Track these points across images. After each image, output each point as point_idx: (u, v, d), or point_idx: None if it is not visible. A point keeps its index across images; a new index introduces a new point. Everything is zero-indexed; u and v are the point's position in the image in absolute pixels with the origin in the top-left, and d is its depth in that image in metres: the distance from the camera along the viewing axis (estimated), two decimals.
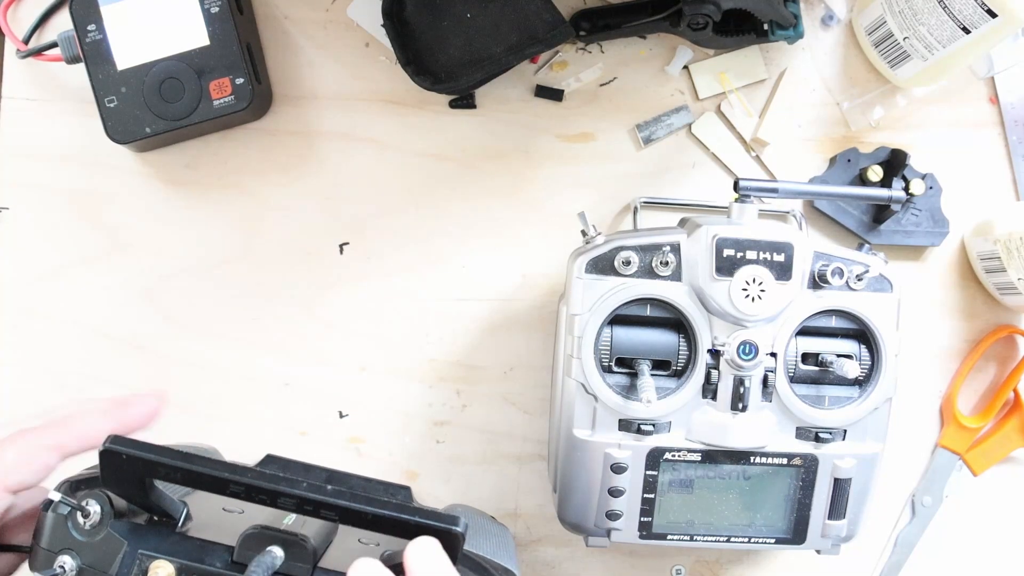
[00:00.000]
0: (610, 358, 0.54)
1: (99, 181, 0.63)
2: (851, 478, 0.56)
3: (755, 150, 0.64)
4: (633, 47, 0.64)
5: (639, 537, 0.56)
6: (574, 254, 0.56)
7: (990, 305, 0.66)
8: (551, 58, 0.64)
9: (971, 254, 0.65)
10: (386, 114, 0.63)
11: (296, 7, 0.63)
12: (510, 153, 0.64)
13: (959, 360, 0.66)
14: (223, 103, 0.59)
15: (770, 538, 0.57)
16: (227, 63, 0.58)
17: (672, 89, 0.64)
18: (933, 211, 0.64)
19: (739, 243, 0.53)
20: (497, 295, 0.64)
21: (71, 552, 0.40)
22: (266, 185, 0.63)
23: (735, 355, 0.53)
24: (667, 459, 0.55)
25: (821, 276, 0.54)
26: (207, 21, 0.58)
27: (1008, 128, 0.65)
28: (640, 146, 0.64)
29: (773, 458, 0.55)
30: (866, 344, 0.56)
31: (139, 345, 0.63)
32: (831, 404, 0.56)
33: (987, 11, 0.54)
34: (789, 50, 0.64)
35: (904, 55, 0.60)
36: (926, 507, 0.65)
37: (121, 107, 0.59)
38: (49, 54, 0.61)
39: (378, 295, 0.63)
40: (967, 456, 0.65)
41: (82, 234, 0.63)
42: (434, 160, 0.64)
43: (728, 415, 0.54)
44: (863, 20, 0.63)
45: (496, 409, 0.64)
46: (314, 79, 0.63)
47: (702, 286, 0.53)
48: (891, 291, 0.55)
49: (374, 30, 0.63)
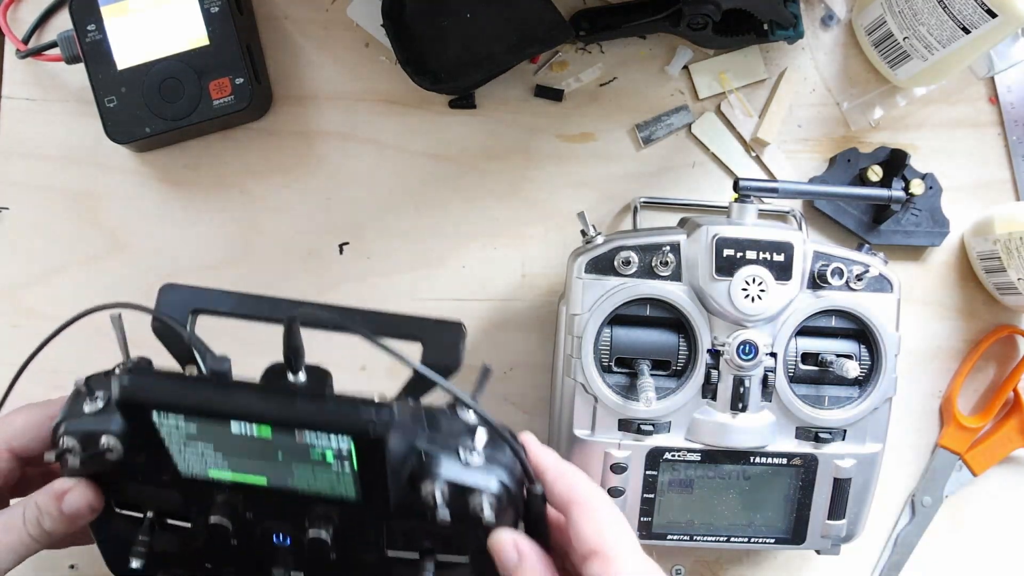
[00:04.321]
0: (610, 358, 0.54)
1: (99, 181, 0.63)
2: (851, 478, 0.56)
3: (755, 150, 0.64)
4: (633, 47, 0.64)
5: (639, 537, 0.56)
6: (574, 254, 0.56)
7: (990, 305, 0.66)
8: (551, 58, 0.64)
9: (971, 254, 0.65)
10: (386, 114, 0.63)
11: (296, 7, 0.63)
12: (510, 153, 0.64)
13: (959, 360, 0.66)
14: (223, 103, 0.59)
15: (770, 538, 0.57)
16: (227, 63, 0.59)
17: (672, 89, 0.64)
18: (933, 211, 0.64)
19: (739, 243, 0.53)
20: (497, 295, 0.64)
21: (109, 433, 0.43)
22: (266, 185, 0.63)
23: (735, 355, 0.53)
24: (667, 459, 0.55)
25: (821, 276, 0.54)
26: (207, 21, 0.58)
27: (1008, 128, 0.65)
28: (640, 146, 0.64)
29: (773, 458, 0.55)
30: (866, 344, 0.56)
31: (139, 345, 0.63)
32: (831, 404, 0.56)
33: (987, 11, 0.54)
34: (789, 50, 0.64)
35: (904, 55, 0.60)
36: (926, 507, 0.65)
37: (121, 107, 0.59)
38: (49, 54, 0.61)
39: (378, 295, 0.63)
40: (967, 456, 0.65)
41: (82, 234, 0.63)
42: (434, 160, 0.64)
43: (728, 415, 0.54)
44: (863, 20, 0.63)
45: (496, 409, 0.63)
46: (314, 79, 0.63)
47: (702, 286, 0.53)
48: (891, 291, 0.55)
49: (374, 30, 0.63)
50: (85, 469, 0.44)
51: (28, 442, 0.47)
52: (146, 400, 0.41)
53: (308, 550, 0.44)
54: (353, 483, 0.42)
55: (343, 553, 0.46)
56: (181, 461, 0.43)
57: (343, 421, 0.40)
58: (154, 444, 0.42)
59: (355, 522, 0.45)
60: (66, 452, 0.44)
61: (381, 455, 0.41)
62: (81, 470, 0.44)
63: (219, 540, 0.46)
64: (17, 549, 0.45)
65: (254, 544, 0.47)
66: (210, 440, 0.41)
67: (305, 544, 0.44)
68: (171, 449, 0.42)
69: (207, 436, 0.41)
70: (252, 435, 0.40)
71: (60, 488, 0.45)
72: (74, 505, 0.45)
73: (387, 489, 0.42)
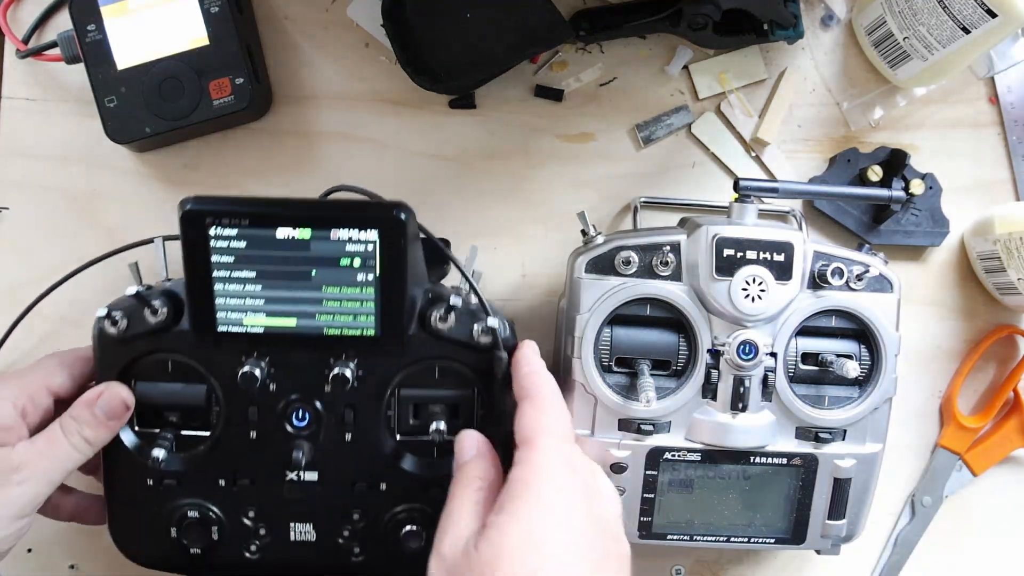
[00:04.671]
0: (610, 358, 0.54)
1: (99, 181, 0.63)
2: (851, 478, 0.56)
3: (755, 150, 0.64)
4: (633, 47, 0.64)
5: (639, 537, 0.56)
6: (574, 254, 0.56)
7: (990, 305, 0.66)
8: (551, 58, 0.64)
9: (971, 254, 0.65)
10: (386, 114, 0.63)
11: (296, 7, 0.63)
12: (510, 153, 0.64)
13: (959, 360, 0.66)
14: (223, 103, 0.59)
15: (770, 538, 0.57)
16: (227, 63, 0.58)
17: (672, 89, 0.64)
18: (933, 211, 0.64)
19: (739, 243, 0.53)
20: (497, 295, 0.64)
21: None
22: (266, 185, 0.63)
23: (735, 355, 0.53)
24: (667, 459, 0.55)
25: (821, 276, 0.54)
26: (207, 21, 0.58)
27: (1008, 128, 0.65)
28: (640, 146, 0.64)
29: (773, 458, 0.55)
30: (866, 344, 0.56)
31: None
32: (831, 404, 0.56)
33: (987, 11, 0.54)
34: (789, 50, 0.64)
35: (904, 55, 0.60)
36: (926, 507, 0.65)
37: (121, 107, 0.59)
38: (49, 54, 0.61)
39: None
40: (967, 456, 0.65)
41: (82, 234, 0.63)
42: (434, 160, 0.64)
43: (728, 415, 0.54)
44: (863, 20, 0.63)
45: None
46: (314, 79, 0.63)
47: (702, 286, 0.53)
48: (891, 291, 0.55)
49: (374, 30, 0.63)
50: (128, 332, 0.51)
51: (63, 381, 0.52)
52: (210, 209, 0.48)
53: (331, 384, 0.50)
54: (374, 307, 0.49)
55: (358, 434, 0.52)
56: (221, 308, 0.49)
57: (371, 213, 0.49)
58: (202, 279, 0.48)
59: (374, 367, 0.52)
60: (112, 316, 0.50)
61: (403, 250, 0.48)
62: (121, 335, 0.51)
63: (237, 439, 0.52)
64: (64, 460, 0.49)
65: (272, 436, 0.52)
66: (254, 264, 0.48)
67: (326, 389, 0.51)
68: (215, 288, 0.49)
69: (252, 258, 0.48)
70: (294, 237, 0.48)
71: (91, 396, 0.50)
72: (108, 404, 0.50)
73: (402, 316, 0.50)
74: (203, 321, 0.50)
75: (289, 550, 0.54)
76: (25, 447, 0.48)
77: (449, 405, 0.53)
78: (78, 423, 0.49)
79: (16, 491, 0.47)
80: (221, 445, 0.53)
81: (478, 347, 0.52)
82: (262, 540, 0.54)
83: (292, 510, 0.54)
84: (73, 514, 0.56)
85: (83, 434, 0.49)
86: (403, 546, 0.53)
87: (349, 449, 0.53)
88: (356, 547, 0.54)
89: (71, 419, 0.50)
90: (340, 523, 0.54)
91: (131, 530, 0.54)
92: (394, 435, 0.54)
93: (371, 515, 0.54)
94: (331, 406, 0.52)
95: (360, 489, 0.53)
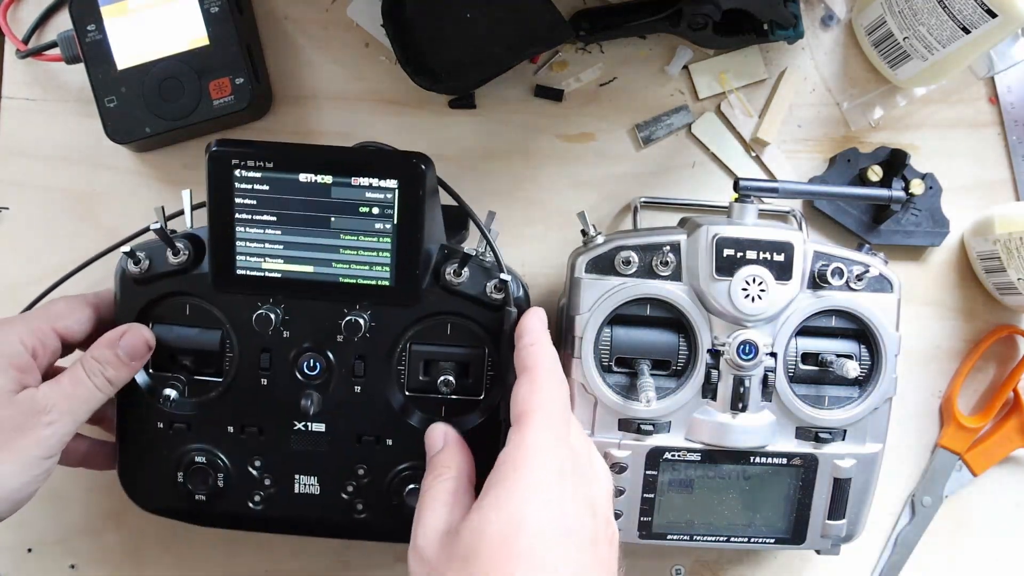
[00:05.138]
0: (610, 358, 0.54)
1: (99, 181, 0.63)
2: (851, 478, 0.56)
3: (755, 150, 0.64)
4: (633, 47, 0.64)
5: (639, 537, 0.56)
6: (574, 254, 0.56)
7: (990, 305, 0.65)
8: (551, 58, 0.64)
9: (971, 254, 0.65)
10: (386, 114, 0.63)
11: (296, 7, 0.63)
12: (510, 153, 0.64)
13: (959, 360, 0.66)
14: (223, 103, 0.59)
15: (770, 538, 0.57)
16: (227, 63, 0.59)
17: (672, 89, 0.64)
18: (933, 211, 0.64)
19: (739, 243, 0.53)
20: None
21: None
22: None
23: (735, 355, 0.53)
24: (667, 459, 0.55)
25: (821, 276, 0.54)
26: (207, 21, 0.58)
27: (1008, 128, 0.65)
28: (640, 146, 0.64)
29: (773, 458, 0.55)
30: (866, 344, 0.56)
31: None
32: (831, 404, 0.56)
33: (987, 11, 0.54)
34: (789, 50, 0.64)
35: (904, 55, 0.60)
36: (926, 507, 0.65)
37: (121, 107, 0.59)
38: (49, 54, 0.61)
39: None
40: (967, 456, 0.65)
41: (82, 234, 0.63)
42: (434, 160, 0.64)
43: (728, 415, 0.54)
44: (863, 20, 0.63)
45: None
46: (314, 79, 0.63)
47: (702, 286, 0.53)
48: (891, 291, 0.55)
49: (374, 30, 0.63)
50: (149, 272, 0.52)
51: (71, 324, 0.52)
52: (236, 151, 0.49)
53: (344, 331, 0.51)
54: (390, 257, 0.51)
55: (368, 387, 0.53)
56: (241, 251, 0.51)
57: (392, 162, 0.50)
58: (224, 220, 0.50)
59: (387, 319, 0.53)
60: (135, 255, 0.51)
61: (421, 201, 0.50)
62: (143, 275, 0.52)
63: (249, 386, 0.53)
64: (88, 400, 0.50)
65: (282, 384, 0.53)
66: (275, 208, 0.50)
67: (339, 339, 0.52)
68: (236, 231, 0.50)
69: (273, 201, 0.50)
70: (315, 182, 0.49)
71: (114, 336, 0.51)
72: (130, 344, 0.51)
73: (417, 267, 0.51)
74: (223, 262, 0.51)
75: (293, 503, 0.55)
76: (50, 387, 0.49)
77: (460, 363, 0.54)
78: (101, 363, 0.50)
79: (46, 432, 0.48)
80: (232, 392, 0.54)
81: (490, 303, 0.53)
82: (266, 491, 0.55)
83: (298, 462, 0.54)
84: (83, 459, 0.56)
85: (106, 374, 0.50)
86: (406, 506, 0.53)
87: (358, 401, 0.53)
88: (359, 503, 0.55)
89: (93, 359, 0.50)
90: (345, 477, 0.54)
91: (139, 474, 0.55)
92: (403, 391, 0.54)
93: (376, 470, 0.54)
94: (342, 357, 0.53)
95: (367, 443, 0.54)
